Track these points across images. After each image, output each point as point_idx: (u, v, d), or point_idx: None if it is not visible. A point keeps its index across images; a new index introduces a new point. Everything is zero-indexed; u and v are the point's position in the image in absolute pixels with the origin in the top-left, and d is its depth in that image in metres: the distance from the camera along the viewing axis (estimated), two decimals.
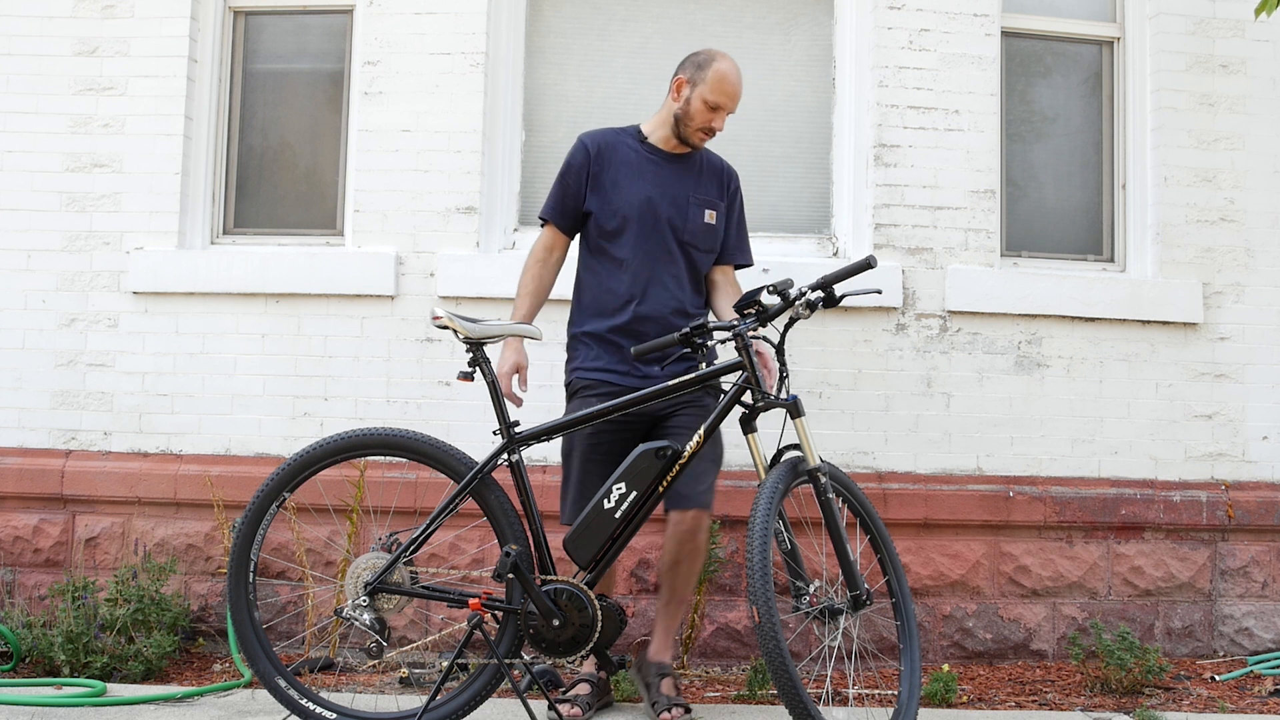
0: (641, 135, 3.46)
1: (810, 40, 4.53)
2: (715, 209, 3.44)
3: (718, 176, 3.49)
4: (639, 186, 3.38)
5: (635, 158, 3.42)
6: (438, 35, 4.34)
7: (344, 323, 4.27)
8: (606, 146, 3.43)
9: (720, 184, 3.48)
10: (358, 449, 3.06)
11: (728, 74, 3.34)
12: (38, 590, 4.15)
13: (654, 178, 3.39)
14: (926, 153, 4.32)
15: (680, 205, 3.38)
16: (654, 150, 3.44)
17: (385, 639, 2.96)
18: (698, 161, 3.48)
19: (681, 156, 3.46)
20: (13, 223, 4.35)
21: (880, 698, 3.44)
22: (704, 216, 3.41)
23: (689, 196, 3.40)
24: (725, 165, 3.54)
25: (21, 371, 4.31)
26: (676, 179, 3.41)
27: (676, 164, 3.44)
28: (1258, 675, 3.98)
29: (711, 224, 3.43)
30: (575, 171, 3.42)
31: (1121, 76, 4.54)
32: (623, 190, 3.38)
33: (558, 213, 3.45)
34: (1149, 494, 4.25)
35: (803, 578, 2.87)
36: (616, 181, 3.38)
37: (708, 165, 3.49)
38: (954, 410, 4.26)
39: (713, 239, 3.44)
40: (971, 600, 4.17)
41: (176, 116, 4.35)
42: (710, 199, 3.44)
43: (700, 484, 3.23)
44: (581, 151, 3.42)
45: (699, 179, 3.45)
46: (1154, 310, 4.34)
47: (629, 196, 3.37)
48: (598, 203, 3.39)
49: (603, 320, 3.34)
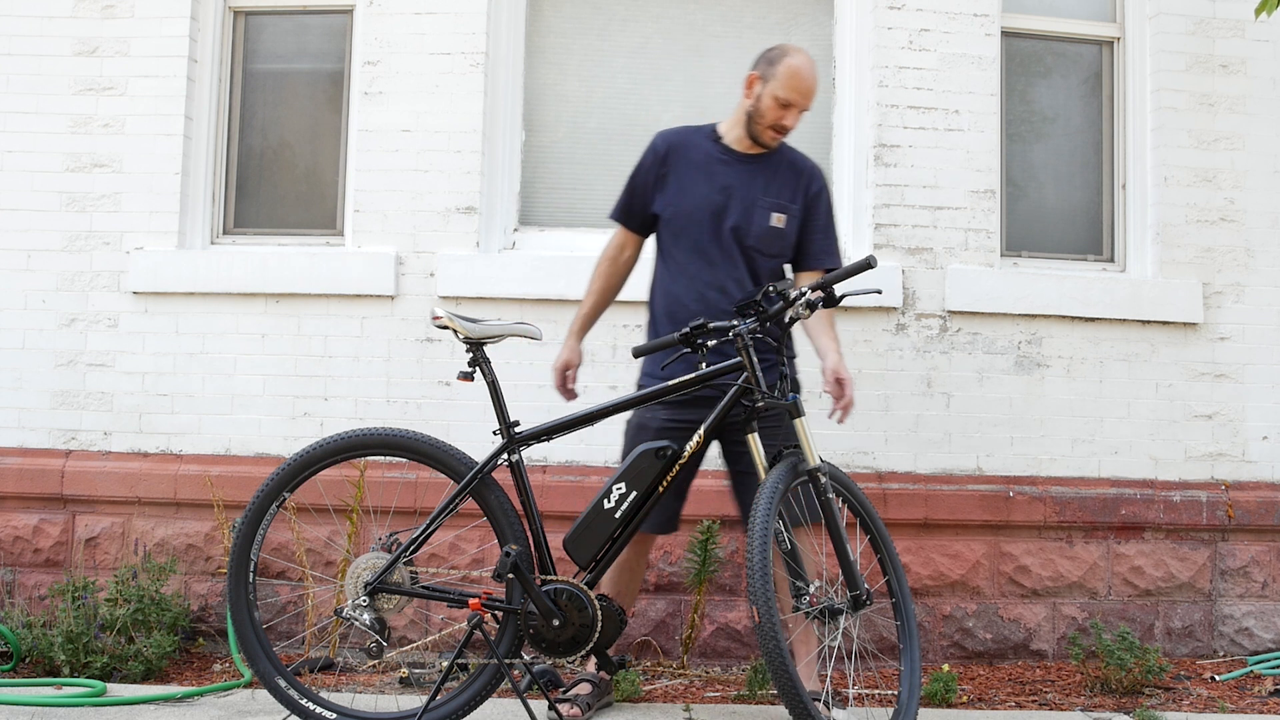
0: (717, 134, 3.38)
1: (810, 40, 4.53)
2: (785, 212, 3.29)
3: (795, 178, 3.34)
4: (705, 188, 3.30)
5: (705, 158, 3.34)
6: (438, 35, 4.34)
7: (344, 323, 4.27)
8: (678, 146, 3.37)
9: (797, 185, 3.33)
10: (358, 449, 3.06)
11: (800, 69, 3.21)
12: (38, 590, 4.15)
13: (722, 179, 3.30)
14: (926, 153, 4.33)
15: (746, 208, 3.27)
16: (727, 151, 3.35)
17: (385, 639, 2.96)
18: (775, 162, 3.35)
19: (757, 157, 3.34)
20: (13, 223, 4.35)
21: (880, 698, 3.44)
22: (770, 220, 3.27)
23: (757, 199, 3.28)
24: (807, 166, 3.38)
25: (21, 371, 4.31)
26: (747, 180, 3.31)
27: (750, 165, 3.33)
28: (1258, 675, 3.98)
29: (779, 228, 3.28)
30: (644, 172, 3.39)
31: (1121, 76, 4.54)
32: (688, 192, 3.31)
33: (625, 213, 3.44)
34: (1149, 494, 4.25)
35: (803, 578, 2.87)
36: (683, 183, 3.32)
37: (786, 166, 3.35)
38: (954, 410, 4.26)
39: (779, 243, 3.30)
40: (971, 600, 4.17)
41: (176, 116, 4.35)
42: (781, 202, 3.30)
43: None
44: (651, 152, 3.40)
45: (772, 180, 3.31)
46: (1154, 310, 4.34)
47: (694, 199, 3.30)
48: (664, 204, 3.34)
49: (671, 326, 3.27)
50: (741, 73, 4.51)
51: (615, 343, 4.23)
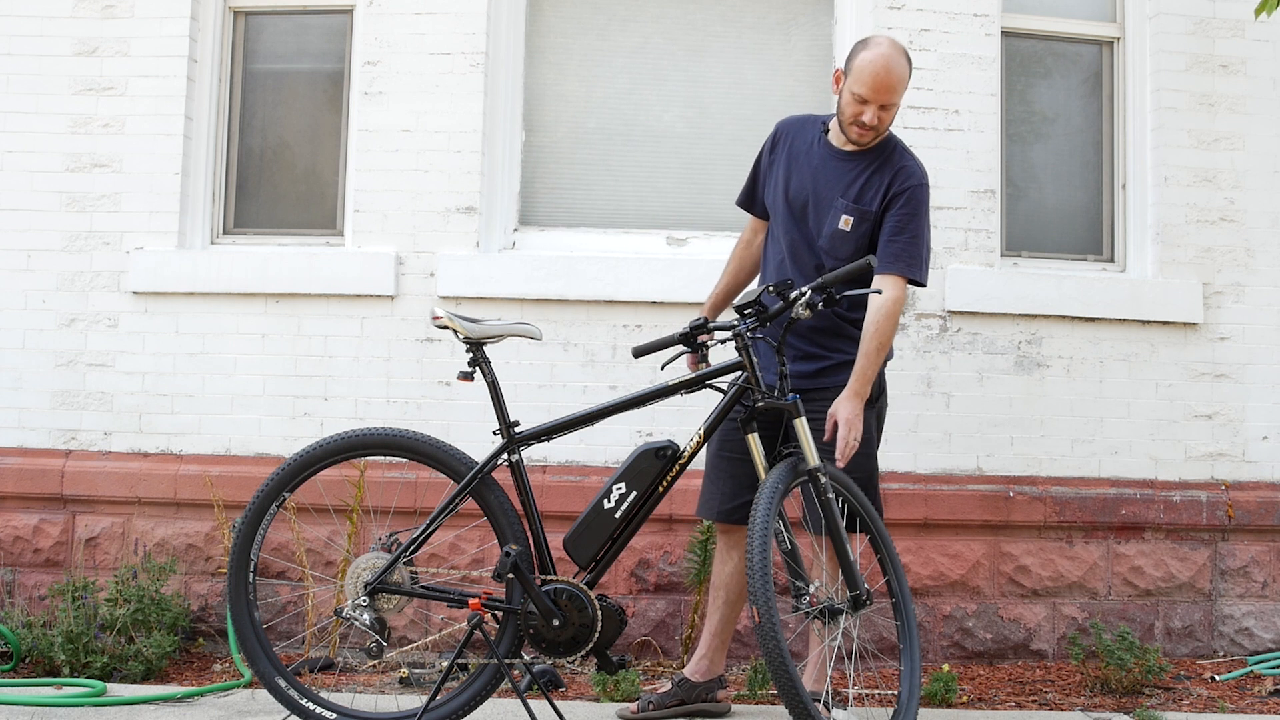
0: (826, 128, 3.28)
1: (810, 40, 4.53)
2: (857, 215, 3.14)
3: (885, 178, 3.15)
4: (796, 180, 3.25)
5: (807, 150, 3.27)
6: (438, 35, 4.33)
7: (344, 323, 4.27)
8: (789, 135, 3.32)
9: (882, 185, 3.14)
10: (358, 449, 3.06)
11: (871, 63, 3.05)
12: (38, 590, 4.15)
13: (811, 173, 3.23)
14: (926, 153, 4.27)
15: (824, 207, 3.18)
16: (827, 145, 3.25)
17: (385, 639, 2.96)
18: (873, 161, 3.18)
19: (855, 154, 3.19)
20: (13, 223, 4.35)
21: (880, 698, 3.44)
22: (839, 222, 3.15)
23: (836, 198, 3.17)
24: (902, 165, 3.16)
25: (21, 371, 4.31)
26: (834, 177, 3.19)
27: (844, 161, 3.20)
28: (1258, 675, 3.98)
29: (845, 230, 3.14)
30: (762, 159, 3.38)
31: (1121, 76, 4.54)
32: (782, 182, 3.27)
33: (747, 198, 3.44)
34: (1149, 494, 4.25)
35: (803, 578, 2.86)
36: (782, 173, 3.28)
37: (883, 166, 3.17)
38: (954, 410, 4.26)
39: (846, 246, 3.15)
40: (971, 600, 4.17)
41: (176, 116, 4.34)
42: (861, 204, 3.14)
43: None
44: (769, 140, 3.37)
45: (858, 179, 3.17)
46: (1154, 310, 4.34)
47: (784, 191, 3.26)
48: (768, 192, 3.33)
49: None
50: (741, 73, 4.51)
51: (615, 343, 4.23)
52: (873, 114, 3.08)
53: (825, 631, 2.93)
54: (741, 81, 4.52)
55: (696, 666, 3.35)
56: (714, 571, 3.43)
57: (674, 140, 4.52)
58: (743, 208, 3.46)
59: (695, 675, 3.33)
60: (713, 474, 3.32)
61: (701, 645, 3.37)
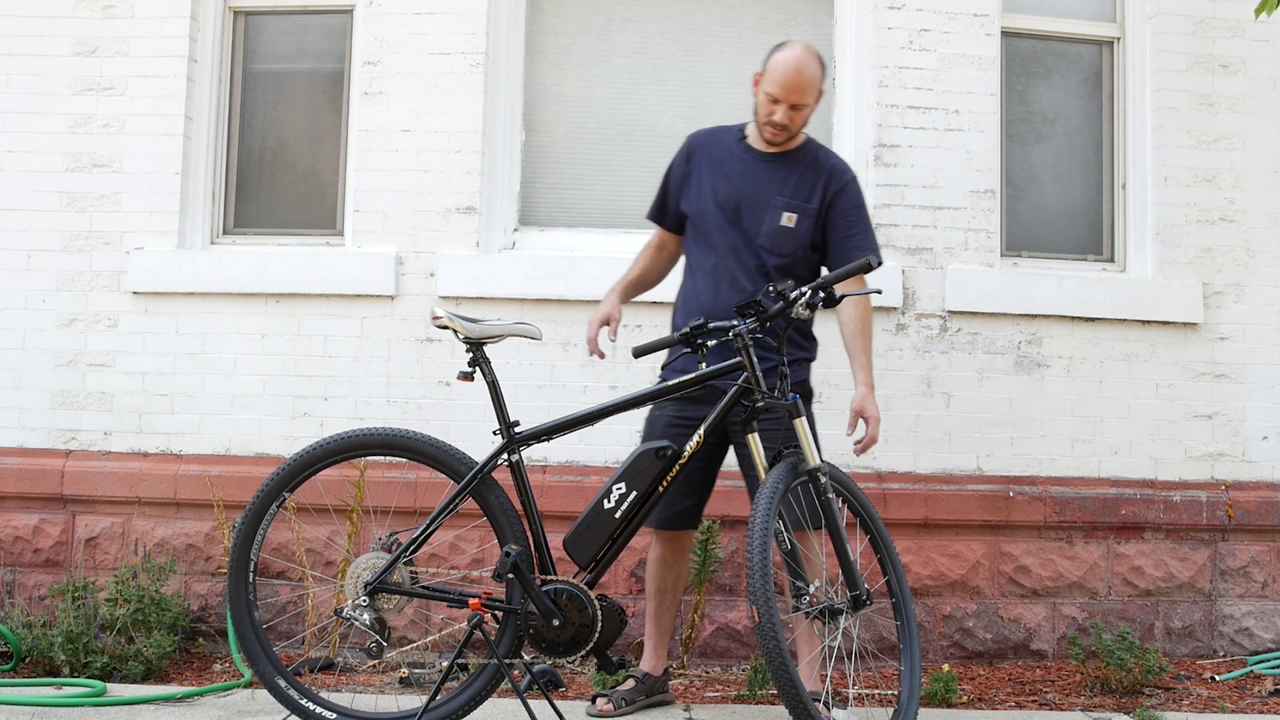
0: (743, 134, 3.38)
1: (810, 40, 4.51)
2: (799, 212, 3.25)
3: (817, 177, 3.28)
4: (722, 187, 3.31)
5: (727, 157, 3.34)
6: (438, 35, 4.33)
7: (344, 323, 4.27)
8: (704, 145, 3.39)
9: (817, 184, 3.27)
10: (358, 449, 3.05)
11: (783, 64, 3.17)
12: (38, 590, 4.15)
13: (739, 178, 3.30)
14: (926, 153, 4.32)
15: (759, 207, 3.26)
16: (749, 150, 3.34)
17: (385, 639, 2.95)
18: (797, 160, 3.31)
19: (778, 156, 3.31)
20: (13, 223, 4.35)
21: (880, 698, 3.44)
22: (781, 219, 3.25)
23: (771, 198, 3.26)
24: (832, 164, 3.32)
25: (21, 371, 4.31)
26: (763, 179, 3.29)
27: (770, 163, 3.31)
28: (1258, 675, 3.98)
29: (789, 227, 3.25)
30: (673, 172, 3.44)
31: (1121, 76, 4.54)
32: (706, 191, 3.33)
33: (658, 212, 3.49)
34: (1149, 494, 4.25)
35: (803, 578, 2.86)
36: (703, 182, 3.34)
37: (808, 165, 3.30)
38: (954, 410, 4.26)
39: (790, 243, 3.26)
40: (971, 600, 4.17)
41: (176, 116, 4.35)
42: (798, 202, 3.26)
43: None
44: (681, 152, 3.44)
45: (788, 179, 3.28)
46: (1154, 310, 4.34)
47: (711, 197, 3.31)
48: (688, 203, 3.37)
49: (684, 318, 3.30)
50: (742, 72, 4.52)
51: (615, 342, 4.23)
52: (784, 113, 3.19)
53: (825, 631, 2.93)
54: (741, 81, 4.49)
55: (652, 662, 3.47)
56: (658, 576, 3.44)
57: (674, 140, 4.46)
58: (654, 221, 3.51)
59: (654, 670, 3.46)
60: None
61: (656, 644, 3.48)
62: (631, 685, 3.40)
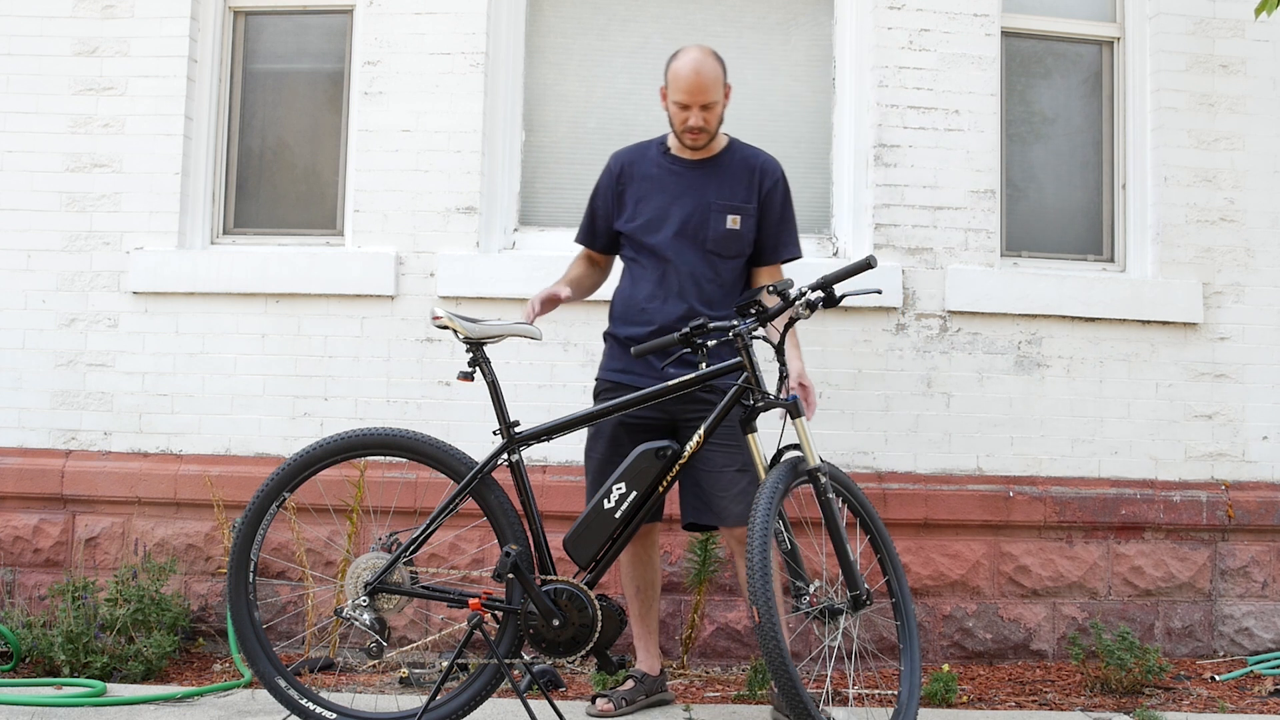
0: (666, 145, 3.42)
1: (810, 40, 4.53)
2: (740, 212, 3.32)
3: (748, 176, 3.35)
4: (660, 200, 3.35)
5: (657, 171, 3.39)
6: (438, 35, 4.33)
7: (344, 323, 4.27)
8: (631, 163, 3.43)
9: (750, 183, 3.35)
10: (358, 449, 3.06)
11: (683, 69, 3.22)
12: (38, 590, 4.15)
13: (674, 189, 3.35)
14: (926, 153, 4.32)
15: (701, 213, 3.31)
16: (675, 160, 3.39)
17: (385, 639, 2.96)
18: (726, 162, 3.37)
19: (706, 161, 3.37)
20: (13, 223, 4.35)
21: (880, 698, 3.44)
22: (726, 222, 3.30)
23: (710, 203, 3.32)
24: (760, 161, 3.39)
25: (21, 371, 4.31)
26: (698, 186, 3.34)
27: (699, 170, 3.36)
28: (1258, 675, 3.99)
29: (735, 229, 3.31)
30: (602, 195, 3.46)
31: (1121, 76, 4.54)
32: (644, 206, 3.36)
33: (589, 236, 3.51)
34: (1149, 494, 4.25)
35: (803, 578, 2.87)
36: (639, 198, 3.37)
37: (738, 165, 3.37)
38: (954, 410, 4.26)
39: (738, 244, 3.33)
40: (971, 600, 4.17)
41: (176, 116, 4.35)
42: (735, 202, 3.33)
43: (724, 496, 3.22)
44: (606, 174, 3.46)
45: (723, 182, 3.34)
46: (1154, 310, 4.34)
47: (650, 211, 3.35)
48: (624, 221, 3.39)
49: (627, 327, 3.34)
50: (741, 73, 4.52)
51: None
52: (698, 116, 3.23)
53: (825, 631, 2.93)
54: (741, 81, 4.50)
55: (649, 662, 3.48)
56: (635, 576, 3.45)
57: None
58: (583, 244, 3.53)
59: (651, 670, 3.47)
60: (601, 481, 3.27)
61: (646, 644, 3.49)
62: (631, 685, 3.40)
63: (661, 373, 3.17)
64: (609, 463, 3.26)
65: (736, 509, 3.20)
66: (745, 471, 3.21)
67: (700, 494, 3.24)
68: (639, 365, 3.27)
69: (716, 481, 3.20)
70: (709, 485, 3.20)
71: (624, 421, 3.23)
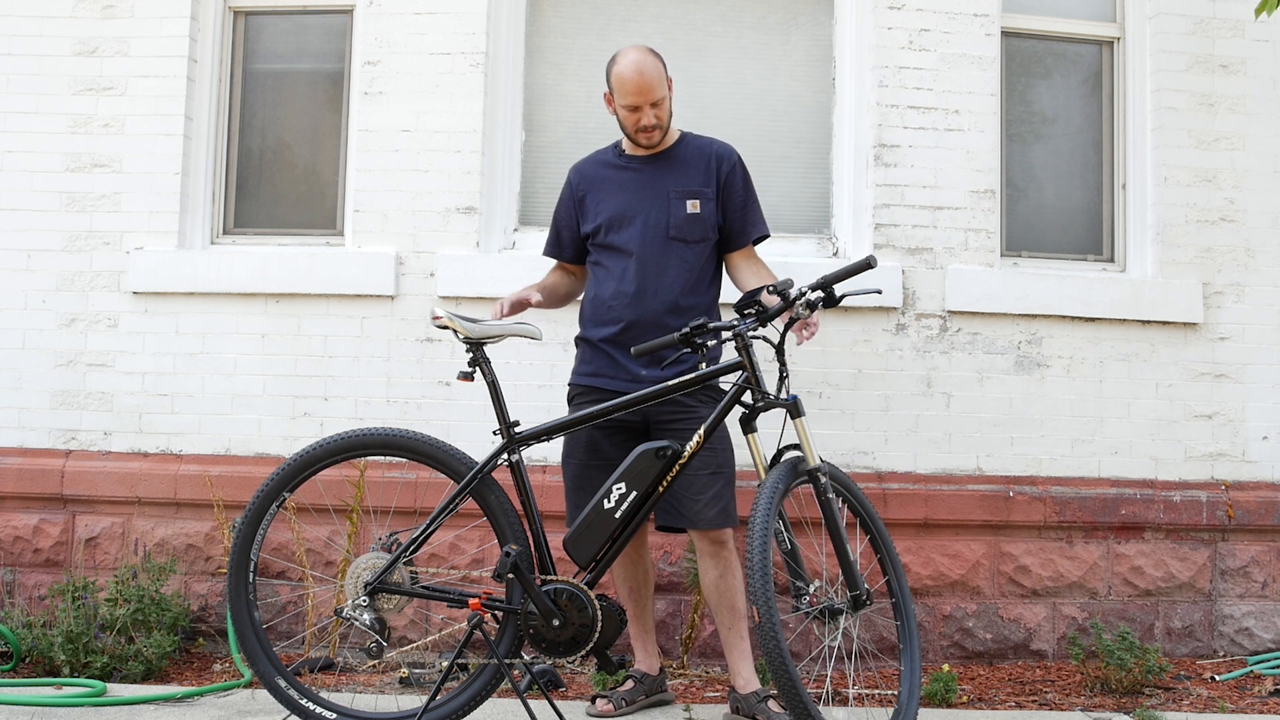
0: (620, 148, 3.48)
1: (810, 40, 4.53)
2: (699, 197, 3.35)
3: (704, 162, 3.40)
4: (621, 198, 3.38)
5: (613, 173, 3.43)
6: (438, 35, 4.33)
7: (344, 323, 4.27)
8: (587, 172, 3.49)
9: (707, 169, 3.39)
10: (358, 449, 3.06)
11: (625, 72, 3.26)
12: (38, 590, 4.15)
13: (633, 186, 3.39)
14: (926, 153, 4.32)
15: (661, 203, 3.35)
16: (630, 159, 3.43)
17: (385, 639, 2.96)
18: (680, 154, 3.41)
19: (661, 155, 3.41)
20: (13, 223, 4.35)
21: (880, 698, 3.44)
22: (686, 208, 3.34)
23: (669, 191, 3.35)
24: (714, 149, 3.43)
25: (21, 371, 4.31)
26: (655, 178, 3.38)
27: (656, 163, 3.40)
28: (1258, 675, 3.99)
29: (695, 213, 3.34)
30: (564, 205, 3.50)
31: (1121, 76, 4.54)
32: (605, 205, 3.39)
33: (555, 248, 3.55)
34: (1149, 494, 4.25)
35: (803, 578, 2.87)
36: (599, 201, 3.41)
37: (693, 154, 3.41)
38: (954, 410, 4.26)
39: (700, 227, 3.35)
40: (971, 600, 4.17)
41: (176, 116, 4.35)
42: (693, 188, 3.36)
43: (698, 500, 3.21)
44: (566, 186, 3.51)
45: (680, 171, 3.38)
46: (1154, 310, 4.34)
47: (612, 209, 3.38)
48: (589, 225, 3.43)
49: (596, 329, 3.37)
50: (741, 73, 4.52)
51: None
52: (649, 115, 3.29)
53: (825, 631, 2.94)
54: (741, 81, 4.52)
55: (648, 662, 3.49)
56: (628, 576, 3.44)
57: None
58: (551, 257, 3.57)
59: (650, 670, 3.48)
60: (584, 486, 3.27)
61: (643, 643, 3.50)
62: (631, 685, 3.40)
63: (633, 375, 3.20)
64: (588, 466, 3.28)
65: (709, 513, 3.20)
66: (719, 474, 3.23)
67: (672, 496, 3.19)
68: (609, 368, 3.30)
69: (691, 484, 3.19)
70: (682, 487, 3.17)
71: (598, 424, 3.20)
